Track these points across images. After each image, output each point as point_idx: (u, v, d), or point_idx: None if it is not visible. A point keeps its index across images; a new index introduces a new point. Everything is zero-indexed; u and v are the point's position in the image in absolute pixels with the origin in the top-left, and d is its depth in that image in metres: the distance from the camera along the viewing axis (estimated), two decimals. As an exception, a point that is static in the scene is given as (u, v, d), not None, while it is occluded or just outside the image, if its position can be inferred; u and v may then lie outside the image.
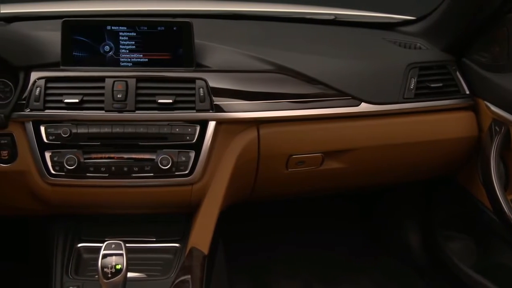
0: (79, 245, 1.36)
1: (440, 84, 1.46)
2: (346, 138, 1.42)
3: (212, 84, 1.29)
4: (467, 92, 1.49)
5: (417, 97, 1.43)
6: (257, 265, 1.88)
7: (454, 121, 1.49)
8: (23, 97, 1.25)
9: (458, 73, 1.50)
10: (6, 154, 1.26)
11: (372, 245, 1.99)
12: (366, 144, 1.43)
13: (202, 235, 1.30)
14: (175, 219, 1.42)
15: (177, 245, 1.37)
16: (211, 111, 1.28)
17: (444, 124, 1.48)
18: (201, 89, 1.28)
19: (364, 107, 1.38)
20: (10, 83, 1.30)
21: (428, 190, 1.82)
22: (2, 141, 1.26)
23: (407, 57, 1.47)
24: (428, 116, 1.46)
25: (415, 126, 1.46)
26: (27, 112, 1.25)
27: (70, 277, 1.27)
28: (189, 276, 1.22)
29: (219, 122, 1.29)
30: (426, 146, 1.50)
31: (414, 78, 1.43)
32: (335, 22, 1.66)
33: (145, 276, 1.28)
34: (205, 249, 1.28)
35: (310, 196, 1.76)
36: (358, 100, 1.38)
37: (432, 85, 1.45)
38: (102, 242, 1.14)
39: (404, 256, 1.90)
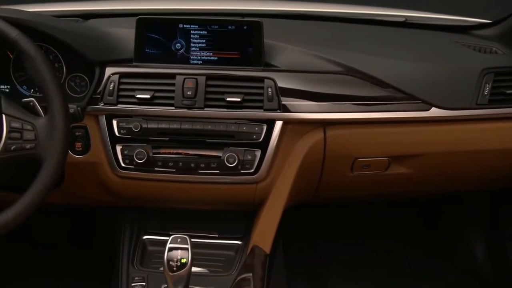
0: (145, 237, 1.39)
1: (517, 91, 1.40)
2: (414, 143, 1.38)
3: (280, 84, 1.29)
4: (546, 100, 1.42)
5: (491, 103, 1.37)
6: (315, 268, 1.87)
7: (529, 130, 1.43)
8: (98, 91, 1.29)
9: (536, 80, 1.43)
10: (80, 146, 1.31)
11: (434, 254, 1.93)
12: (435, 150, 1.39)
13: (264, 233, 1.31)
14: (237, 216, 1.43)
15: (239, 242, 1.38)
16: (278, 110, 1.28)
17: (519, 132, 1.42)
18: (269, 89, 1.28)
19: (434, 112, 1.34)
20: (86, 78, 1.34)
21: (496, 201, 1.76)
22: (77, 133, 1.30)
23: (482, 61, 1.42)
24: (502, 124, 1.40)
25: (487, 133, 1.41)
26: (101, 106, 1.29)
27: (136, 268, 1.31)
28: (251, 274, 1.23)
29: (286, 122, 1.29)
30: (498, 155, 1.44)
31: (488, 84, 1.37)
32: (406, 24, 1.63)
33: (207, 271, 1.30)
34: (267, 248, 1.29)
35: (373, 200, 1.74)
36: (428, 105, 1.34)
37: (508, 92, 1.38)
38: (167, 235, 1.17)
39: (467, 267, 1.84)
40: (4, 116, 1.11)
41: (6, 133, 1.10)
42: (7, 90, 1.35)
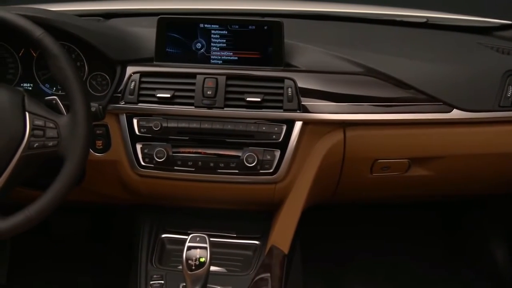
0: (163, 235, 1.40)
1: (540, 93, 1.37)
2: (435, 145, 1.37)
3: (300, 84, 1.29)
4: None
5: None
6: (331, 269, 1.86)
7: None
8: (119, 90, 1.30)
9: (561, 82, 1.41)
10: (100, 144, 1.33)
11: (454, 258, 1.91)
12: (456, 152, 1.38)
13: (283, 234, 1.31)
14: (255, 216, 1.43)
15: (257, 242, 1.38)
16: (298, 111, 1.28)
17: (542, 135, 1.40)
18: (289, 89, 1.28)
19: (456, 114, 1.32)
20: (107, 76, 1.36)
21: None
22: (98, 131, 1.32)
23: (505, 63, 1.40)
24: None
25: (510, 136, 1.39)
26: (121, 104, 1.30)
27: (154, 266, 1.32)
28: (269, 274, 1.23)
29: (306, 123, 1.29)
30: None
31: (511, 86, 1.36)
32: (427, 25, 1.61)
33: (225, 271, 1.31)
34: (285, 248, 1.29)
35: (392, 202, 1.72)
36: (450, 107, 1.32)
37: (531, 94, 1.37)
38: (185, 234, 1.17)
39: (488, 272, 1.82)
40: (27, 114, 1.13)
41: (29, 130, 1.11)
42: (30, 88, 1.37)
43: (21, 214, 1.09)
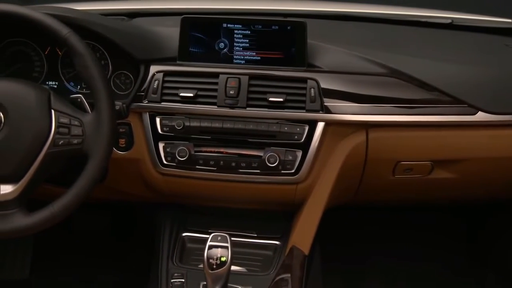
0: (184, 234, 1.41)
1: None
2: (458, 147, 1.35)
3: (323, 85, 1.28)
4: None
5: None
6: (352, 271, 1.85)
7: None
8: (142, 89, 1.31)
9: None
10: (123, 142, 1.34)
11: (477, 263, 1.88)
12: (480, 155, 1.36)
13: (304, 234, 1.30)
14: (275, 216, 1.43)
15: (277, 242, 1.38)
16: (320, 112, 1.27)
17: None
18: (312, 90, 1.28)
19: (481, 116, 1.31)
20: (131, 75, 1.37)
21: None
22: (121, 130, 1.33)
23: (532, 65, 1.38)
24: None
25: (536, 139, 1.37)
26: (145, 103, 1.31)
27: (175, 264, 1.32)
28: (289, 275, 1.23)
29: (328, 123, 1.28)
30: None
31: None
32: (452, 26, 1.59)
33: (245, 270, 1.31)
34: (305, 249, 1.29)
35: (414, 205, 1.71)
36: (474, 109, 1.31)
37: (559, 97, 1.34)
38: (206, 233, 1.17)
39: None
40: (53, 112, 1.14)
41: (54, 128, 1.13)
42: (55, 86, 1.39)
43: (46, 210, 1.11)
